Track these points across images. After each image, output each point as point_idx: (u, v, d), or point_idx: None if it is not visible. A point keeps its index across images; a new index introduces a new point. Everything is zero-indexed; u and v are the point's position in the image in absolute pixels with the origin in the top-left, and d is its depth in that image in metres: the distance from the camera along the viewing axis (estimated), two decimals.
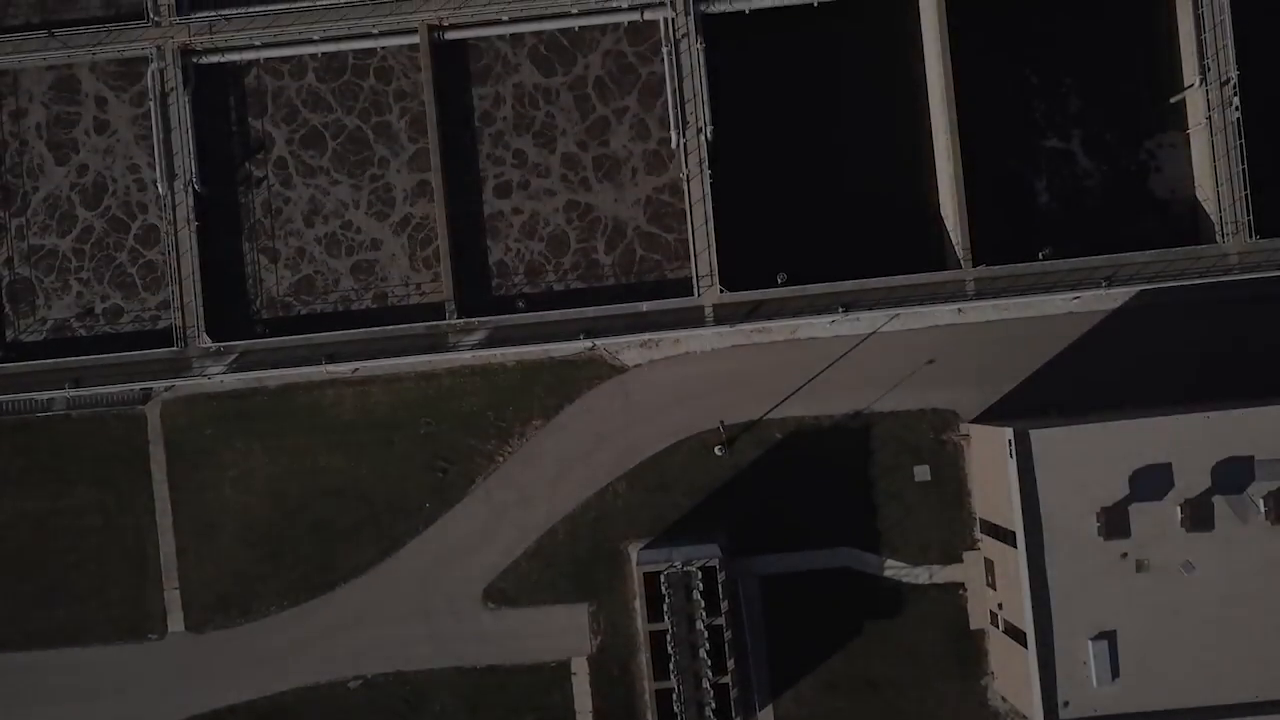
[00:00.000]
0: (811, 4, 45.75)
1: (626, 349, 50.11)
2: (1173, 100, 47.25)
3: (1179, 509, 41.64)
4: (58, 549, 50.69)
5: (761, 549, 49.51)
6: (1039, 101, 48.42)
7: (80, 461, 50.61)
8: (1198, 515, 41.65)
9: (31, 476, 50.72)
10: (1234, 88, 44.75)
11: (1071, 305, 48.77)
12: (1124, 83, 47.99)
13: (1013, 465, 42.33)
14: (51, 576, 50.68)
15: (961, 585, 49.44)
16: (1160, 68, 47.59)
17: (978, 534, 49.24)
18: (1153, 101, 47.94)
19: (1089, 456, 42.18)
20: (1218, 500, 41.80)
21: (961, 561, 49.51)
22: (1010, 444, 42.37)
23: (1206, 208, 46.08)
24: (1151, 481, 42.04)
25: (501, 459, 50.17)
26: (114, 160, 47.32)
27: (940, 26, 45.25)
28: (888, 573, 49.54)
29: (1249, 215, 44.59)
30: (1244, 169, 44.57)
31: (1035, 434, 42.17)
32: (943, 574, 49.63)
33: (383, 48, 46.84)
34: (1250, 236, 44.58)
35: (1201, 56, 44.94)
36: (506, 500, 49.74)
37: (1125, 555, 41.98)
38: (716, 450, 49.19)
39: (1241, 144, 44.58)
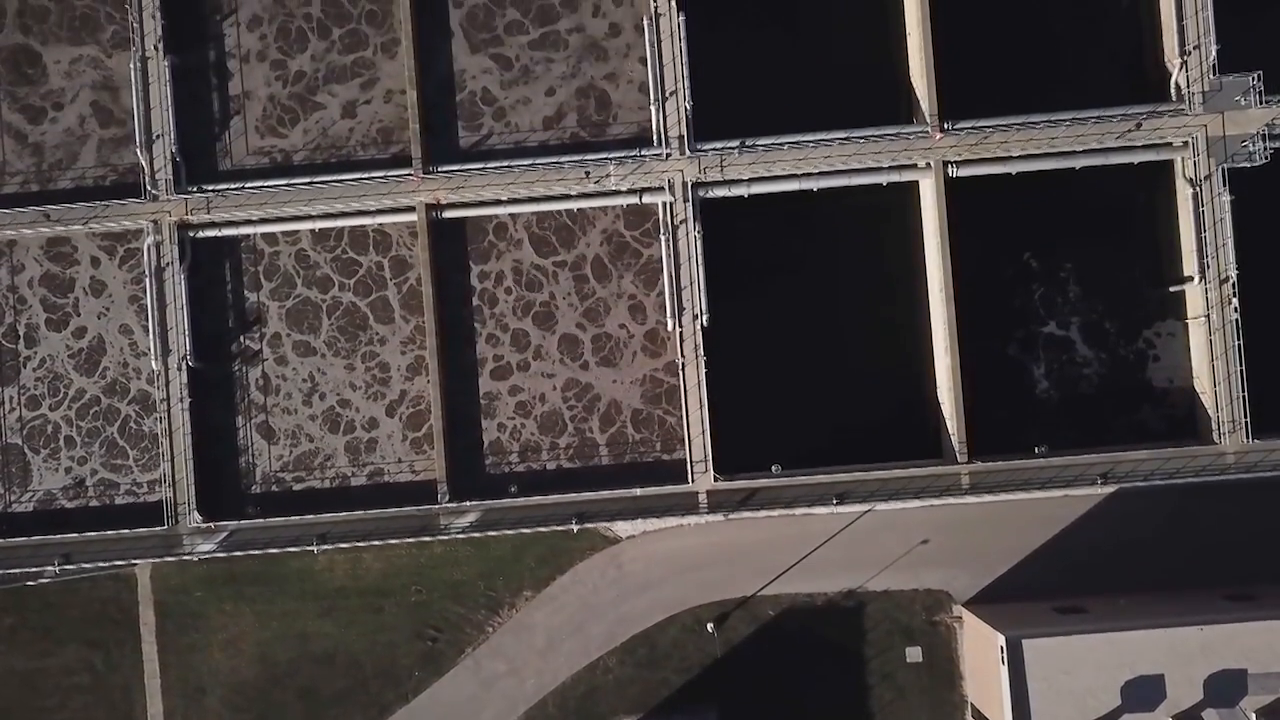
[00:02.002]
0: (810, 190, 45.79)
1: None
2: (1172, 289, 47.08)
3: None
4: (46, 708, 50.61)
5: None
6: (1038, 285, 48.33)
7: (70, 621, 50.59)
8: None
9: (20, 635, 50.67)
10: (1233, 287, 44.63)
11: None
12: (1123, 271, 47.89)
13: (1005, 673, 42.16)
14: None
15: None
16: (1160, 257, 47.48)
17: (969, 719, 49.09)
18: (1152, 289, 47.81)
19: (1081, 666, 42.01)
20: (1209, 714, 41.72)
21: None
22: (1002, 651, 42.21)
23: (1204, 401, 45.87)
24: (1144, 693, 41.94)
25: (491, 629, 50.05)
26: (109, 324, 47.17)
27: (940, 221, 45.15)
28: None
29: (1246, 416, 44.44)
30: (1242, 370, 44.38)
31: (1028, 643, 42.01)
32: None
33: (380, 224, 46.82)
34: (1247, 438, 44.41)
35: (1201, 254, 44.79)
36: (496, 671, 49.61)
37: None
38: (709, 627, 49.01)
39: (1240, 344, 44.43)
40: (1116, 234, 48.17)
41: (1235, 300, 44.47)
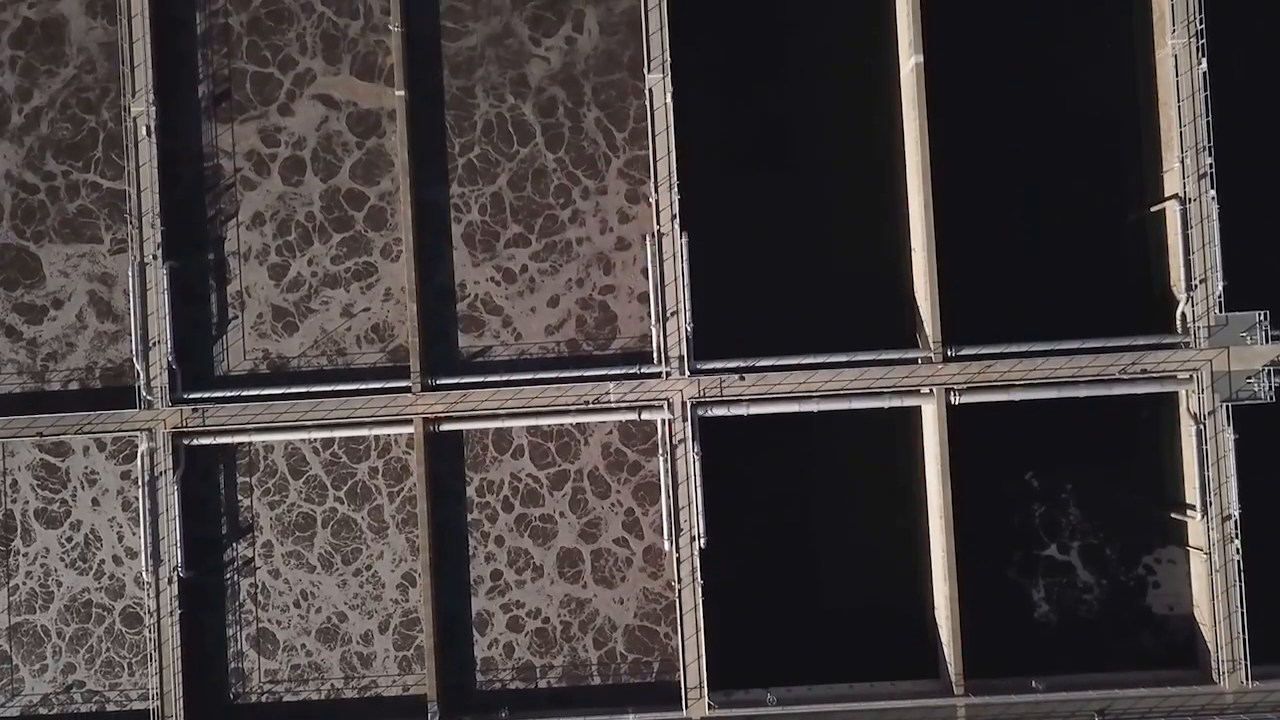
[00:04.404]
0: (811, 412, 45.41)
1: None
2: (1173, 515, 46.70)
3: None
4: None
5: None
6: (1039, 505, 47.93)
7: None
8: None
9: None
10: (1235, 525, 44.24)
11: None
12: (1125, 494, 47.52)
13: None
14: None
15: None
16: (1164, 479, 47.12)
17: None
18: (1154, 510, 47.43)
19: None
20: None
21: None
22: None
23: (1204, 633, 45.46)
24: None
25: None
26: (102, 517, 46.74)
27: (942, 447, 44.81)
28: None
29: (1246, 658, 44.03)
30: (1243, 610, 44.01)
31: None
32: None
33: (377, 434, 46.39)
34: (1247, 679, 43.99)
35: (1203, 490, 44.43)
36: None
37: None
38: None
39: (1241, 584, 44.07)
40: (1119, 454, 47.79)
41: (1237, 540, 44.12)
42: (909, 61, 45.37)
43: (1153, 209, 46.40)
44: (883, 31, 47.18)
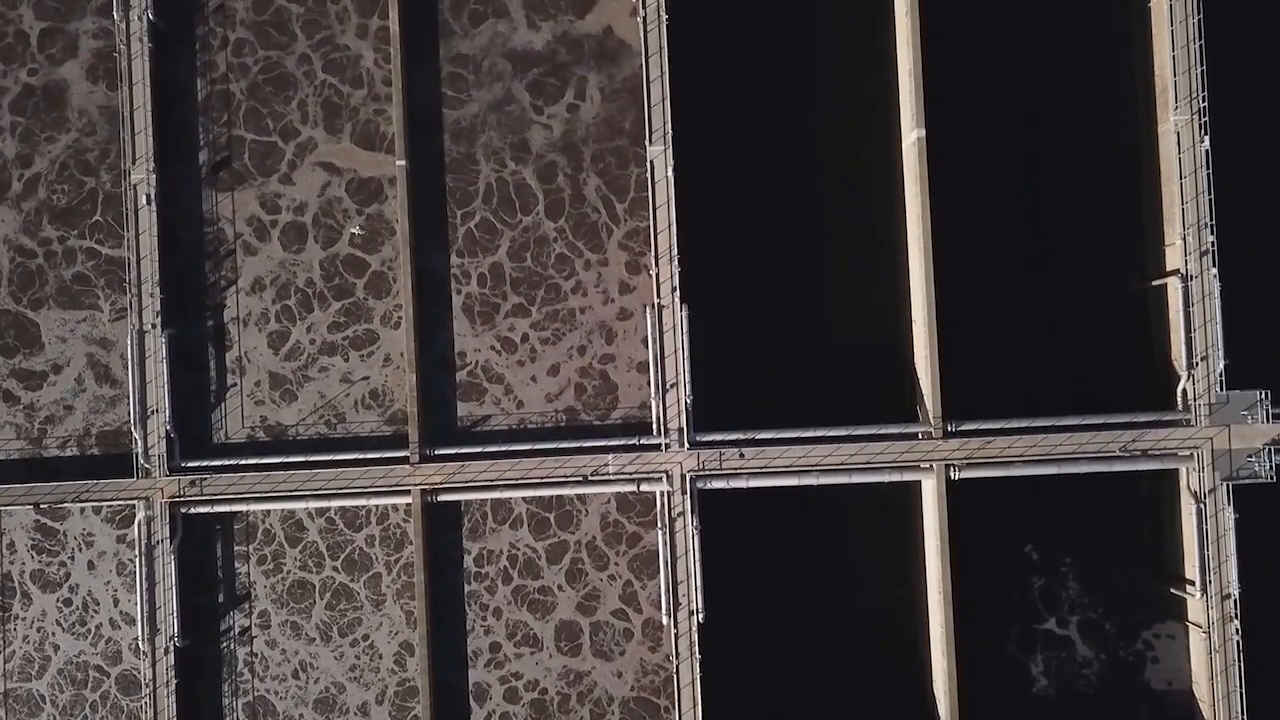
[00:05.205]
0: (810, 485, 45.28)
1: None
2: (1173, 590, 46.57)
3: None
4: None
5: None
6: (1038, 578, 47.81)
7: None
8: None
9: None
10: (1235, 604, 44.10)
11: None
12: (1124, 568, 47.42)
13: None
14: None
15: None
16: (1163, 552, 47.01)
17: None
18: (1153, 583, 47.32)
19: None
20: None
21: None
22: None
23: (1204, 711, 45.33)
24: None
25: None
26: (98, 580, 46.60)
27: (941, 523, 44.65)
28: None
29: None
30: (1242, 691, 43.83)
31: None
32: None
33: (374, 504, 46.25)
34: None
35: (1203, 568, 44.29)
36: None
37: None
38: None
39: (1241, 663, 43.91)
40: (1119, 527, 47.68)
41: (1237, 620, 43.98)
42: (911, 135, 45.29)
43: (1154, 282, 46.33)
44: (885, 105, 47.10)
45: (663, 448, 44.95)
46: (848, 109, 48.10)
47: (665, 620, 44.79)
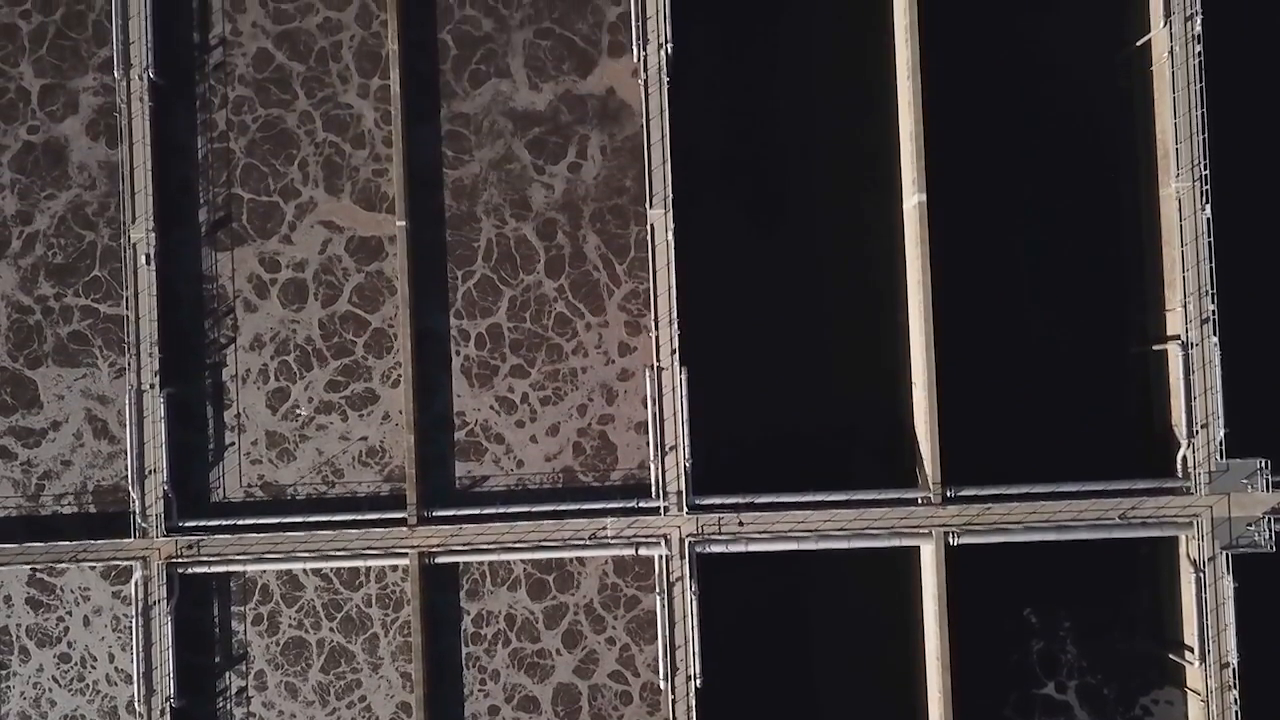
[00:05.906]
0: (810, 550, 45.22)
1: None
2: (1171, 656, 46.48)
3: None
4: None
5: None
6: (1037, 640, 47.71)
7: None
8: None
9: None
10: (1233, 673, 43.98)
11: None
12: (1123, 633, 47.33)
13: None
14: None
15: None
16: (1162, 616, 46.92)
17: None
18: (1152, 647, 47.22)
19: None
20: None
21: None
22: None
23: None
24: None
25: None
26: (94, 636, 46.48)
27: (939, 588, 44.52)
28: None
29: None
30: None
31: None
32: None
33: (371, 566, 46.13)
34: None
35: (1202, 636, 44.18)
36: None
37: None
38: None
39: None
40: (1118, 592, 47.59)
41: (1235, 690, 43.87)
42: (912, 199, 45.22)
43: (1155, 347, 46.24)
44: (885, 164, 47.03)
45: (661, 511, 44.85)
46: (848, 168, 48.00)
47: (663, 685, 44.68)
